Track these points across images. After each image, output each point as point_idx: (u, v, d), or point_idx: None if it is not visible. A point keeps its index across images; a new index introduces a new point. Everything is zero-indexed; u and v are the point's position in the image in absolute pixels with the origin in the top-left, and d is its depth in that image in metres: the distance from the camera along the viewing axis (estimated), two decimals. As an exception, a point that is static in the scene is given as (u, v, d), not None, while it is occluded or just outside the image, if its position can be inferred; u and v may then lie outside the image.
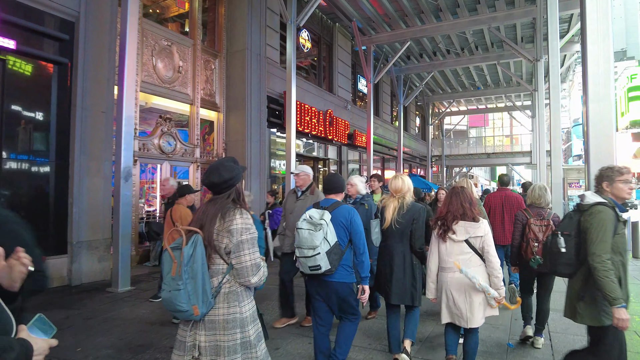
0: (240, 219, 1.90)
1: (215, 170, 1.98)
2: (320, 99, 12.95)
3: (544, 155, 13.92)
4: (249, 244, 1.89)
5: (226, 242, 1.88)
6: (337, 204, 3.02)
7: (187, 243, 1.81)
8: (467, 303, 2.91)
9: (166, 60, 8.67)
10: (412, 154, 23.73)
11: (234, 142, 9.98)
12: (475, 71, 19.32)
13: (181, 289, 1.74)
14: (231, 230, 1.87)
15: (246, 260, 1.88)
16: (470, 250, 2.94)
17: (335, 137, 13.22)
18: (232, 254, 1.89)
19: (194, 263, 1.79)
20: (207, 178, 1.99)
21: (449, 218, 3.00)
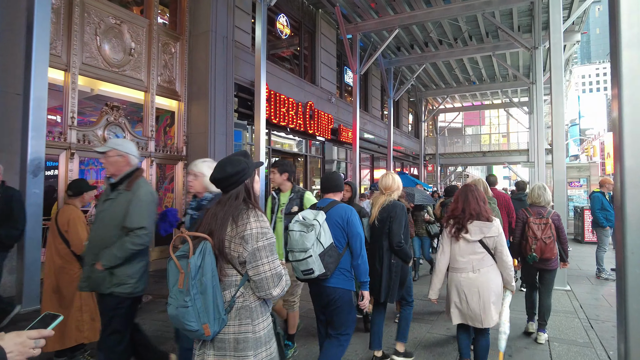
0: (255, 223, 1.67)
1: (220, 165, 1.78)
2: (300, 90, 11.89)
3: (542, 153, 13.03)
4: (266, 251, 1.67)
5: (240, 250, 1.66)
6: (334, 203, 2.88)
7: (194, 252, 1.59)
8: (480, 303, 2.87)
9: (114, 41, 7.59)
10: (405, 152, 22.70)
11: (196, 135, 8.90)
12: (470, 64, 18.30)
13: (189, 306, 1.54)
14: (245, 236, 1.65)
15: (265, 270, 1.66)
16: (484, 250, 2.91)
17: (316, 131, 12.17)
18: (248, 264, 1.66)
19: (203, 275, 1.58)
20: (212, 173, 1.78)
21: (465, 217, 2.95)
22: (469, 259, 2.93)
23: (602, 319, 4.73)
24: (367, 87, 17.94)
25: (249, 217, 1.68)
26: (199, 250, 1.60)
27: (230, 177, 1.73)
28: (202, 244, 1.62)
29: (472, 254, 2.93)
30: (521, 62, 17.90)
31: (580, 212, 11.70)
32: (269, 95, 10.08)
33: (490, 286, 2.90)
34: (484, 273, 2.90)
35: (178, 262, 1.60)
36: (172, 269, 1.62)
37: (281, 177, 3.75)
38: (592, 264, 8.36)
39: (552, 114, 6.18)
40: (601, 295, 5.73)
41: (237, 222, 1.68)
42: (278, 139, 11.73)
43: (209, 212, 1.77)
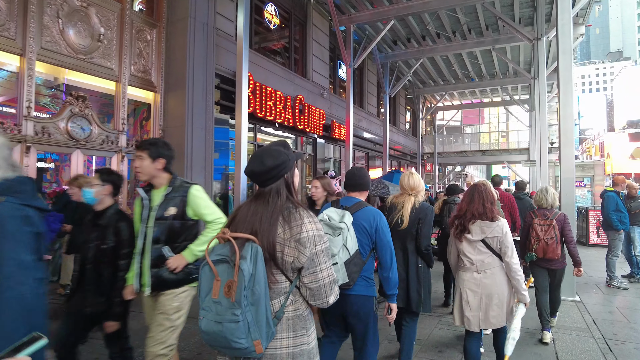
0: (310, 224, 1.48)
1: (258, 156, 1.56)
2: (289, 83, 11.24)
3: (545, 152, 12.41)
4: (324, 256, 1.50)
5: (296, 255, 1.46)
6: (361, 204, 2.64)
7: (242, 256, 1.35)
8: (482, 306, 2.83)
9: (80, 26, 6.93)
10: (403, 150, 22.07)
11: (173, 129, 8.25)
12: (469, 59, 17.65)
13: (240, 321, 1.32)
14: (301, 239, 1.45)
15: (324, 276, 1.49)
16: (488, 251, 2.85)
17: (307, 127, 11.52)
18: (305, 270, 1.47)
19: (256, 284, 1.36)
20: (248, 166, 1.57)
21: (467, 217, 2.92)
22: (473, 259, 2.88)
23: (621, 338, 4.09)
24: (362, 82, 17.30)
25: (302, 217, 1.50)
26: (250, 254, 1.37)
27: (271, 171, 1.53)
28: (251, 247, 1.39)
29: (476, 254, 2.87)
30: (522, 58, 17.26)
31: (584, 213, 11.07)
32: (254, 87, 9.43)
33: (495, 289, 2.82)
34: (490, 275, 2.84)
35: (215, 267, 1.40)
36: (207, 274, 1.42)
37: (153, 164, 2.62)
38: (600, 269, 7.72)
39: (560, 106, 5.54)
40: (615, 308, 5.10)
41: (289, 222, 1.48)
42: (266, 135, 11.08)
43: (243, 208, 1.56)
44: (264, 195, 1.55)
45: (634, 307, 5.17)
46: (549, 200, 4.08)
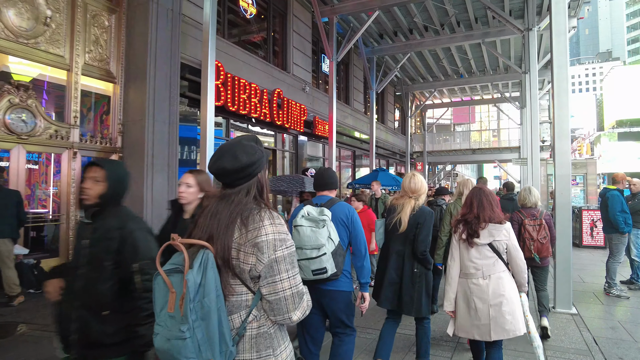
0: (270, 227, 1.31)
1: (229, 151, 1.37)
2: (266, 76, 10.56)
3: (536, 150, 11.91)
4: (286, 263, 1.31)
5: (252, 261, 1.29)
6: (334, 200, 2.79)
7: (191, 265, 1.19)
8: (491, 313, 2.69)
9: (21, 6, 6.19)
10: (392, 149, 21.47)
11: (133, 123, 7.53)
12: (458, 54, 17.09)
13: (187, 337, 1.14)
14: (259, 243, 1.28)
15: (284, 287, 1.29)
16: (494, 255, 2.78)
17: (286, 122, 10.84)
18: (263, 280, 1.29)
19: (205, 296, 1.18)
20: (215, 162, 1.36)
21: (479, 223, 2.81)
22: (479, 264, 2.79)
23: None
24: (348, 78, 16.66)
25: (262, 219, 1.31)
26: (198, 263, 1.19)
27: (245, 169, 1.34)
28: (202, 254, 1.21)
29: (482, 259, 2.79)
30: (512, 53, 16.74)
31: (578, 212, 10.53)
32: (225, 78, 8.74)
33: (502, 294, 2.71)
34: (495, 279, 2.75)
35: (168, 278, 1.20)
36: (160, 287, 1.22)
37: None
38: (596, 273, 7.16)
39: (555, 93, 4.93)
40: (618, 323, 4.49)
41: (247, 225, 1.30)
42: (243, 132, 10.40)
43: (206, 210, 1.36)
44: (229, 196, 1.36)
45: (638, 320, 4.58)
46: (532, 199, 4.14)
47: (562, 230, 4.80)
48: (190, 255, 1.22)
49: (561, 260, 4.74)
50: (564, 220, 4.76)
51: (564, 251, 4.75)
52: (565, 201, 4.73)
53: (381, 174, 11.68)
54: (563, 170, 4.78)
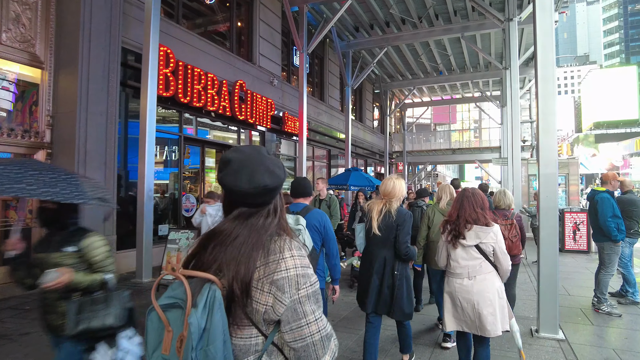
0: (291, 260, 1.06)
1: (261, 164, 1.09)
2: (227, 66, 9.66)
3: (517, 149, 11.37)
4: (311, 303, 1.06)
5: (269, 302, 1.03)
6: (309, 208, 3.02)
7: (195, 304, 0.95)
8: (475, 312, 2.77)
9: None
10: (371, 148, 20.78)
11: (63, 115, 6.57)
12: (437, 49, 16.47)
13: None
14: (278, 281, 1.03)
15: (312, 332, 1.05)
16: (481, 256, 2.83)
17: (250, 117, 9.96)
18: (285, 325, 1.04)
19: (210, 344, 0.94)
20: (252, 178, 1.07)
21: (461, 223, 2.89)
22: (465, 264, 2.85)
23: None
24: (322, 73, 15.86)
25: (282, 249, 1.06)
26: (203, 302, 0.95)
27: (271, 192, 1.11)
28: (207, 289, 0.97)
29: (468, 260, 2.85)
30: (493, 49, 16.21)
31: (560, 215, 9.93)
32: (176, 66, 7.82)
33: (487, 295, 2.77)
34: (480, 280, 2.81)
35: (164, 315, 0.99)
36: (154, 324, 1.01)
37: None
38: (582, 283, 6.50)
39: (539, 77, 4.19)
40: (612, 351, 3.76)
41: (268, 255, 1.05)
42: (205, 128, 9.49)
43: (215, 232, 1.09)
44: (248, 217, 1.09)
45: (636, 348, 3.87)
46: (507, 201, 4.30)
47: (547, 238, 4.06)
48: (195, 290, 0.97)
49: (546, 274, 4.00)
50: (549, 227, 4.03)
51: (549, 264, 4.01)
52: (551, 205, 3.99)
53: (354, 174, 10.91)
54: (548, 169, 4.03)
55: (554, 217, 4.01)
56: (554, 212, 4.02)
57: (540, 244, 4.04)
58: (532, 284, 6.50)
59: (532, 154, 21.04)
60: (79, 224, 2.38)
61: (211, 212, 5.61)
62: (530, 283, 6.59)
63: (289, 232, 1.14)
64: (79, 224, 2.37)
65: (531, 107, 21.63)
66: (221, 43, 10.10)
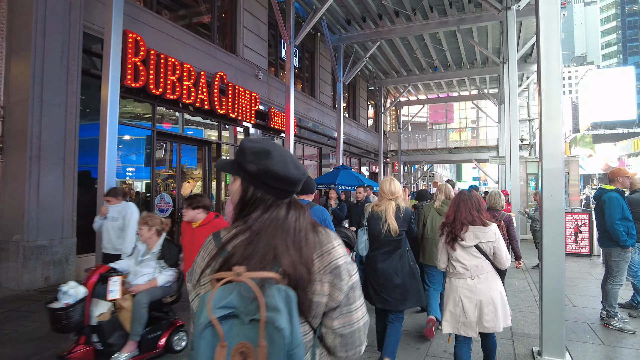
0: (340, 248, 1.08)
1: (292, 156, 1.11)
2: (206, 57, 9.05)
3: (515, 147, 10.81)
4: (358, 289, 1.09)
5: (328, 292, 1.03)
6: (311, 204, 3.23)
7: (274, 307, 0.87)
8: (478, 311, 2.82)
9: None
10: (365, 147, 20.17)
11: (15, 105, 5.95)
12: (433, 44, 15.90)
13: None
14: (337, 268, 1.04)
15: (358, 317, 1.07)
16: (481, 256, 2.88)
17: (231, 112, 9.35)
18: (337, 312, 1.04)
19: (295, 348, 0.87)
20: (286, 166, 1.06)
21: (457, 225, 2.94)
22: (466, 265, 2.89)
23: None
24: (313, 68, 15.27)
25: (329, 238, 1.08)
26: (282, 303, 0.87)
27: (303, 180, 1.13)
28: (277, 290, 0.89)
29: (470, 260, 2.89)
30: (490, 44, 15.65)
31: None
32: (147, 55, 7.20)
33: (490, 294, 2.83)
34: (483, 280, 2.86)
35: (220, 328, 0.86)
36: (208, 341, 0.87)
37: None
38: (587, 292, 5.92)
39: (542, 55, 3.56)
40: (630, 379, 3.18)
41: (322, 246, 1.05)
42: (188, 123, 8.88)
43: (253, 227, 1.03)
44: (290, 208, 1.09)
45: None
46: (501, 203, 4.53)
47: (551, 245, 3.45)
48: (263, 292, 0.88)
49: (550, 288, 3.39)
50: (554, 232, 3.42)
51: (554, 276, 3.40)
52: (557, 206, 3.38)
53: (343, 172, 10.33)
54: (553, 162, 3.43)
55: (559, 219, 3.41)
56: (560, 213, 3.42)
57: (543, 251, 3.44)
58: (531, 293, 5.91)
59: (530, 152, 20.49)
60: None
61: (113, 214, 4.67)
62: (530, 292, 6.00)
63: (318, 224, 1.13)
64: None
65: (529, 105, 21.06)
66: (201, 32, 9.48)
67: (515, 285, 6.38)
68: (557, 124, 3.44)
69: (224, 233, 1.07)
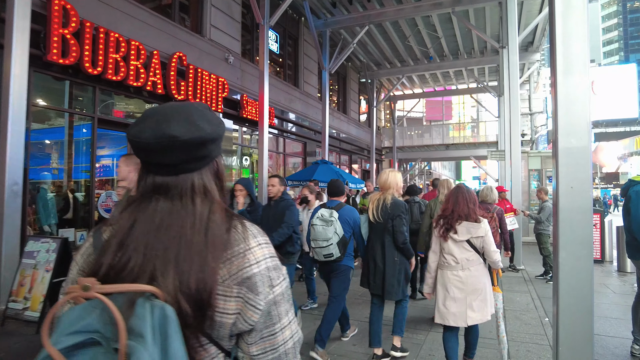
0: (259, 249, 0.82)
1: (180, 113, 0.80)
2: (164, 37, 7.92)
3: (516, 141, 9.78)
4: (285, 302, 0.84)
5: (237, 309, 0.77)
6: (341, 204, 3.71)
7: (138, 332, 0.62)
8: (467, 301, 2.97)
9: None
10: (358, 144, 19.05)
11: None
12: (427, 30, 14.75)
13: None
14: (250, 278, 0.79)
15: (286, 338, 0.83)
16: (472, 250, 3.03)
17: (192, 98, 8.21)
18: (255, 334, 0.80)
19: None
20: (158, 126, 0.77)
21: (454, 217, 3.07)
22: (458, 257, 3.03)
23: None
24: (297, 55, 14.12)
25: (245, 237, 0.82)
26: (149, 327, 0.63)
27: (206, 145, 0.81)
28: (149, 308, 0.65)
29: (461, 254, 3.03)
30: (489, 30, 14.50)
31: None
32: (80, 27, 6.08)
33: (478, 285, 3.00)
34: (473, 272, 3.01)
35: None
36: None
37: None
38: (606, 312, 4.77)
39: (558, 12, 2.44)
40: None
41: (228, 247, 0.79)
42: (135, 111, 7.76)
43: (123, 223, 0.78)
44: (178, 193, 0.80)
45: None
46: (493, 197, 5.12)
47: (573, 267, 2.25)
48: (126, 311, 0.64)
49: (572, 331, 2.27)
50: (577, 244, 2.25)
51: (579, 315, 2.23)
52: (582, 205, 2.17)
53: (322, 167, 9.21)
54: (574, 138, 2.24)
55: (585, 227, 2.24)
56: (586, 216, 2.25)
57: (560, 275, 2.29)
58: (537, 313, 4.79)
59: (532, 147, 19.35)
60: None
61: None
62: (535, 311, 4.87)
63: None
64: None
65: (530, 98, 19.89)
66: (159, 10, 8.34)
67: (516, 301, 5.26)
68: (581, 79, 2.30)
69: (107, 229, 0.82)
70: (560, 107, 2.41)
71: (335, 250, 3.42)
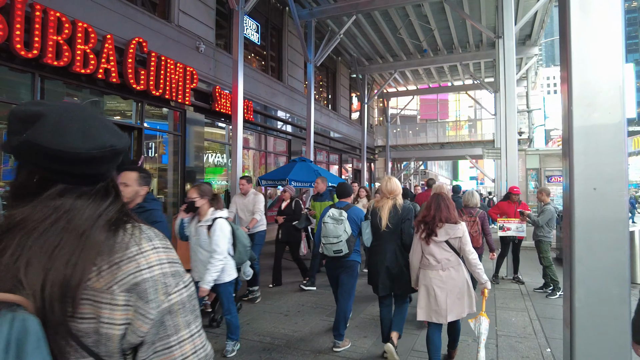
0: (154, 253, 0.73)
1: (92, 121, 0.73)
2: (123, 20, 7.10)
3: (513, 139, 9.09)
4: (186, 312, 0.74)
5: (126, 319, 0.69)
6: (349, 205, 4.00)
7: None
8: (448, 300, 3.13)
9: None
10: (349, 142, 18.26)
11: None
12: (419, 21, 13.95)
13: None
14: (139, 284, 0.70)
15: (185, 353, 0.72)
16: (450, 250, 3.21)
17: (154, 89, 7.40)
18: (147, 349, 0.70)
19: None
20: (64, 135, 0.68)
21: (436, 222, 3.22)
22: (438, 258, 3.20)
23: None
24: (280, 47, 13.32)
25: (137, 240, 0.73)
26: (13, 339, 0.57)
27: (122, 154, 0.77)
28: (8, 320, 0.57)
29: (441, 254, 3.19)
30: (484, 20, 13.72)
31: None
32: (11, 3, 5.25)
33: (457, 284, 3.19)
34: (452, 271, 3.19)
35: None
36: None
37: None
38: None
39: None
40: None
41: (112, 252, 0.71)
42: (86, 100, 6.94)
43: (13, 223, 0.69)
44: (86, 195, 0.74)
45: None
46: (474, 201, 5.27)
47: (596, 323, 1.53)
48: None
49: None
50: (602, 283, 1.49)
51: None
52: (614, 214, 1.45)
53: (299, 165, 8.40)
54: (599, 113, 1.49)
55: (618, 249, 1.46)
56: (619, 232, 1.47)
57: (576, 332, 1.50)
58: (536, 340, 3.99)
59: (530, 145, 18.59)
60: None
61: None
62: (535, 338, 4.07)
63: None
64: None
65: (528, 95, 19.14)
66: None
67: (512, 323, 4.47)
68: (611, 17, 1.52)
69: None
70: (575, 74, 1.61)
71: (344, 246, 3.69)
